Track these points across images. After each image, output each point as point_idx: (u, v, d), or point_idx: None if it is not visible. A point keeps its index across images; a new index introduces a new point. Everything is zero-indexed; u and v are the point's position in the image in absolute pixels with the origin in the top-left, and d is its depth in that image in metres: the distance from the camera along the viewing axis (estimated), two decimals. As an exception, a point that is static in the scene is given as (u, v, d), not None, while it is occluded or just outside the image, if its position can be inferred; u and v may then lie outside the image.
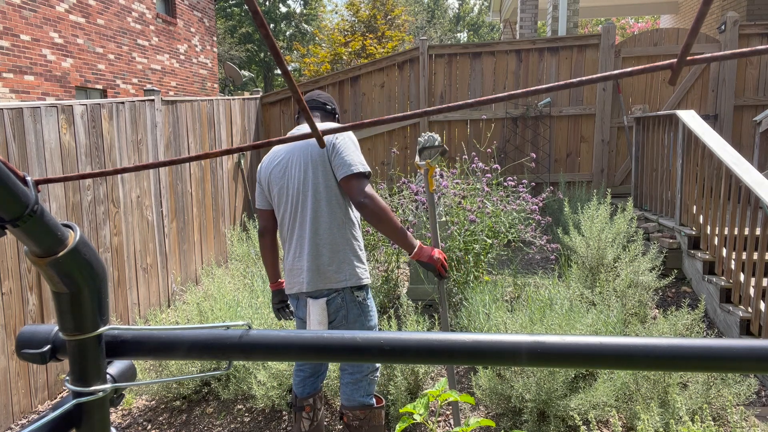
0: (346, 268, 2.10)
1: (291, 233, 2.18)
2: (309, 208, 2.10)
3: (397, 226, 2.06)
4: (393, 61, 6.79)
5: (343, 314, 2.13)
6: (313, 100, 2.33)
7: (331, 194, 2.10)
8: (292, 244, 2.17)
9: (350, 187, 2.04)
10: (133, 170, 0.49)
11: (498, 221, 4.06)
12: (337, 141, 2.08)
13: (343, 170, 2.05)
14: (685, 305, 3.13)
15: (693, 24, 0.37)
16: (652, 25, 16.99)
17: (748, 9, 8.64)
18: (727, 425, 2.58)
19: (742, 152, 6.03)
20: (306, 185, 2.10)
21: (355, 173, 2.04)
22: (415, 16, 26.39)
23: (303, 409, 2.34)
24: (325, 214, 2.09)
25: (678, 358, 0.54)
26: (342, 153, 2.06)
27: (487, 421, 1.03)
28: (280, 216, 2.21)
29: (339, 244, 2.10)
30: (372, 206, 2.01)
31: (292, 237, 2.17)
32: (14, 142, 3.02)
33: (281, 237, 2.26)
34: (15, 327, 3.02)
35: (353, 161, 2.06)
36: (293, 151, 2.16)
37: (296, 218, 2.15)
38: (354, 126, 0.46)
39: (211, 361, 2.00)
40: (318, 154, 2.08)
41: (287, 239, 2.20)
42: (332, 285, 2.09)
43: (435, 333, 0.60)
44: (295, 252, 2.16)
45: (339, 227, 2.11)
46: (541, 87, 0.43)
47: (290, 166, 2.15)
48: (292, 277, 2.18)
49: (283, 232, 2.22)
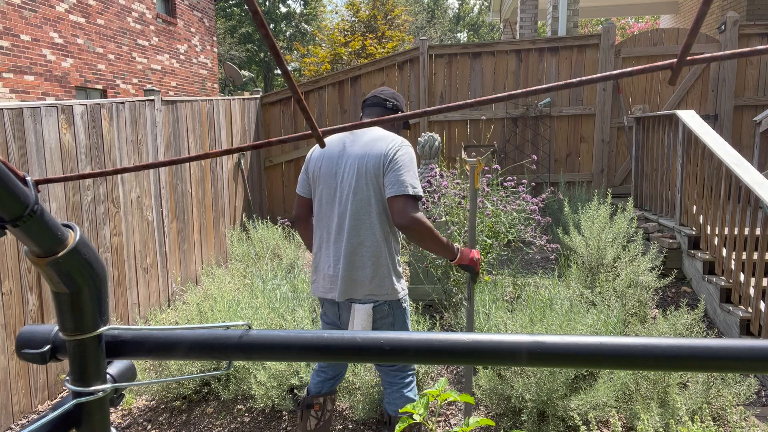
0: (388, 283, 2.06)
1: (328, 235, 2.11)
2: (356, 218, 2.03)
3: (441, 244, 2.04)
4: (393, 61, 6.80)
5: (390, 321, 2.11)
6: (375, 96, 2.22)
7: (381, 208, 2.04)
8: (330, 247, 2.10)
9: (397, 207, 1.97)
10: (133, 170, 0.49)
11: (498, 221, 4.05)
12: (396, 157, 1.99)
13: (394, 188, 1.97)
14: (684, 305, 3.13)
15: (693, 24, 0.37)
16: (652, 25, 16.99)
17: (748, 9, 8.64)
18: (727, 425, 2.58)
19: (742, 152, 6.03)
20: (357, 194, 2.03)
21: (406, 195, 1.96)
22: (415, 16, 26.38)
23: (312, 406, 2.30)
24: (373, 227, 2.04)
25: (678, 358, 0.54)
26: (398, 170, 1.98)
27: (487, 420, 1.03)
28: (321, 213, 2.14)
29: (382, 259, 2.06)
30: (417, 231, 1.97)
31: (329, 239, 2.11)
32: (14, 142, 3.02)
33: (316, 233, 2.18)
34: (15, 327, 3.02)
35: (406, 181, 1.97)
36: (348, 152, 2.08)
37: (339, 223, 2.08)
38: (354, 126, 0.46)
39: (211, 361, 2.00)
40: (373, 165, 2.00)
41: (324, 240, 2.13)
42: (373, 297, 2.07)
43: (435, 333, 0.60)
44: (334, 257, 2.09)
45: (384, 241, 2.06)
46: (541, 87, 0.43)
47: (343, 167, 2.07)
48: (327, 282, 2.12)
49: (320, 231, 2.15)
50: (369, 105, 2.22)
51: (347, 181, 2.06)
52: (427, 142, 4.39)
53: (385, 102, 2.19)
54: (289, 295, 3.63)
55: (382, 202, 2.03)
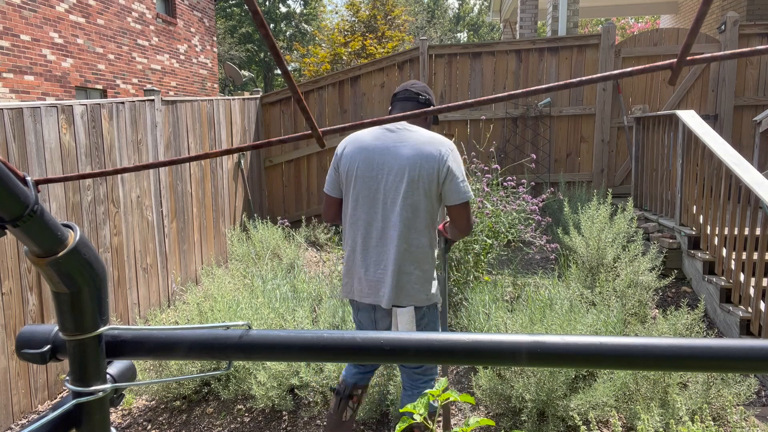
0: (428, 288, 2.07)
1: (367, 239, 2.06)
2: (405, 223, 2.00)
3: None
4: (393, 61, 6.80)
5: (425, 322, 2.11)
6: (406, 90, 2.16)
7: (429, 216, 2.03)
8: (369, 251, 2.06)
9: (459, 215, 2.03)
10: (133, 170, 0.49)
11: (498, 221, 4.06)
12: (451, 165, 1.99)
13: (456, 197, 2.00)
14: (685, 305, 3.13)
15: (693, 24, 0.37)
16: (652, 25, 16.98)
17: (748, 9, 8.64)
18: (727, 425, 2.58)
19: (742, 152, 6.03)
20: (407, 199, 1.99)
21: (467, 202, 2.02)
22: (415, 16, 26.38)
23: (351, 397, 2.28)
24: (421, 233, 2.02)
25: (678, 358, 0.54)
26: (457, 179, 1.99)
27: (487, 420, 1.03)
28: (357, 214, 2.08)
29: (426, 265, 2.06)
30: (467, 232, 2.10)
31: (367, 243, 2.06)
32: (14, 142, 3.02)
33: (349, 234, 2.11)
34: (15, 327, 3.02)
35: (466, 188, 2.01)
36: (393, 152, 2.02)
37: (383, 227, 2.03)
38: (354, 126, 0.46)
39: (211, 361, 2.00)
40: (428, 172, 1.97)
41: (360, 243, 2.07)
42: (416, 303, 2.06)
43: (435, 333, 0.60)
44: (375, 262, 2.05)
45: (429, 247, 2.06)
46: (541, 87, 0.43)
47: (387, 168, 2.02)
48: (364, 287, 2.07)
49: (356, 233, 2.08)
50: (401, 99, 2.16)
51: (393, 183, 2.01)
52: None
53: (417, 96, 2.14)
54: (289, 295, 3.63)
55: (431, 208, 2.02)
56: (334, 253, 5.91)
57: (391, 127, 2.08)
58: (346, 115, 6.95)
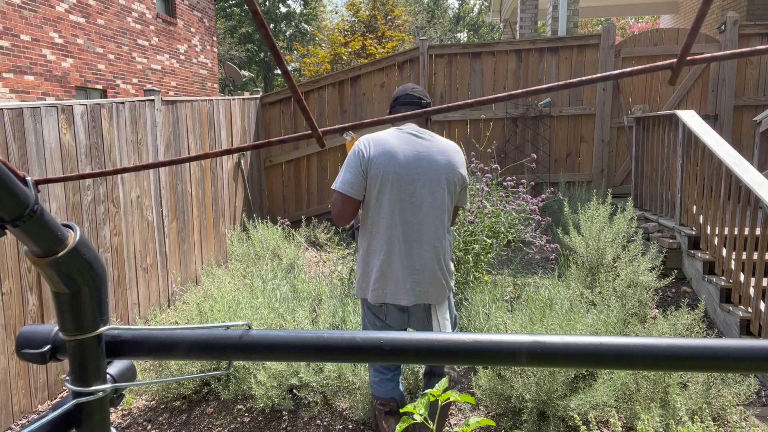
0: (450, 278, 2.26)
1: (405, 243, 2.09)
2: (439, 225, 2.12)
3: None
4: (393, 61, 6.79)
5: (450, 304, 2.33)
6: (407, 94, 2.23)
7: (449, 215, 2.20)
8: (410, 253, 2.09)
9: (455, 215, 2.37)
10: (133, 170, 0.49)
11: (498, 221, 4.06)
12: (466, 174, 2.24)
13: (464, 200, 2.30)
14: (685, 305, 3.13)
15: (693, 24, 0.37)
16: (652, 25, 16.98)
17: (748, 9, 8.64)
18: (727, 425, 2.58)
19: (742, 152, 6.03)
20: (439, 202, 2.11)
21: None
22: (415, 16, 26.38)
23: (396, 412, 2.24)
24: (448, 233, 2.21)
25: (678, 358, 0.54)
26: (467, 185, 2.27)
27: (487, 420, 1.03)
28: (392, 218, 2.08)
29: (450, 260, 2.26)
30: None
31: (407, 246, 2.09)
32: (14, 142, 3.02)
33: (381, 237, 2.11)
34: (15, 327, 3.02)
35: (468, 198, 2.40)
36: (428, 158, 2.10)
37: (420, 230, 2.09)
38: (354, 126, 0.46)
39: (211, 361, 2.00)
40: (459, 178, 2.18)
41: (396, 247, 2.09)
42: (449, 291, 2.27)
43: (435, 333, 0.60)
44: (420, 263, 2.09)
45: (449, 245, 2.24)
46: (541, 87, 0.43)
47: (423, 174, 2.08)
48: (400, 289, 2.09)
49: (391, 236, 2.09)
50: (404, 103, 2.23)
51: (430, 188, 2.09)
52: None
53: (420, 100, 2.24)
54: (289, 295, 3.63)
55: (451, 209, 2.21)
56: (334, 253, 5.91)
57: (417, 132, 2.17)
58: (346, 115, 6.95)
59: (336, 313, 3.44)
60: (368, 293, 2.15)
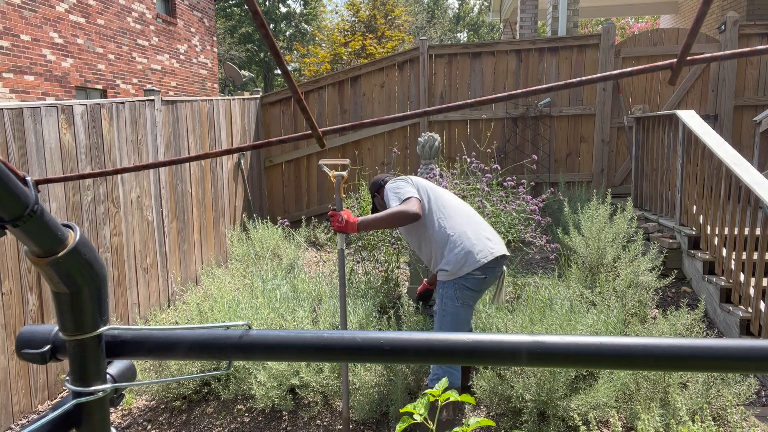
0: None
1: (473, 218, 2.76)
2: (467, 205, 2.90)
3: None
4: (393, 61, 6.79)
5: None
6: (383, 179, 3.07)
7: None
8: (478, 223, 2.75)
9: None
10: (133, 170, 0.49)
11: (498, 221, 4.06)
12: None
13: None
14: (685, 305, 3.13)
15: (693, 24, 0.37)
16: (652, 25, 16.98)
17: (748, 9, 8.64)
18: (727, 425, 2.58)
19: (742, 152, 6.03)
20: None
21: None
22: (415, 16, 26.38)
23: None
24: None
25: (678, 358, 0.54)
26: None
27: (487, 420, 1.03)
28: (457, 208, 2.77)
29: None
30: None
31: (475, 220, 2.75)
32: (14, 142, 3.02)
33: (457, 219, 2.70)
34: (15, 327, 3.02)
35: None
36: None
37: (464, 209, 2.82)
38: (354, 126, 0.46)
39: (211, 361, 2.00)
40: None
41: (469, 221, 2.71)
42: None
43: (435, 333, 0.60)
44: (488, 228, 2.78)
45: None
46: (541, 87, 0.43)
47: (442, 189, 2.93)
48: (490, 242, 2.65)
49: (462, 216, 2.73)
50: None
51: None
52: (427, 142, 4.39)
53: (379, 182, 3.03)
54: (289, 295, 3.63)
55: None
56: (334, 253, 5.91)
57: None
58: (346, 115, 6.95)
59: (336, 313, 3.44)
60: (474, 262, 2.58)
